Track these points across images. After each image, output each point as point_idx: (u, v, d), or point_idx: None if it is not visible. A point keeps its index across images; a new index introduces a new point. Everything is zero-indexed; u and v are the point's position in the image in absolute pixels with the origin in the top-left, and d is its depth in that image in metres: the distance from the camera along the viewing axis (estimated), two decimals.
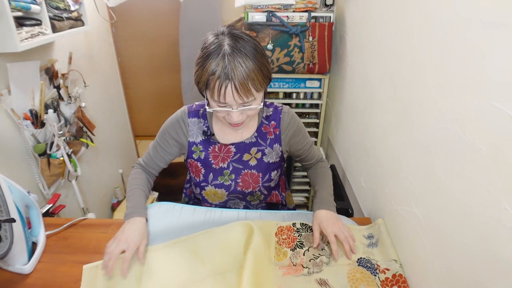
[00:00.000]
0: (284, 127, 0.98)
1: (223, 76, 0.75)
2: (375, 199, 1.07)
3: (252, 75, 0.77)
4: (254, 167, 0.99)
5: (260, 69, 0.79)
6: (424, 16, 0.77)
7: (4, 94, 1.17)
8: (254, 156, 0.98)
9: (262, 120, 0.97)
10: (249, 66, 0.76)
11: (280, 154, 1.01)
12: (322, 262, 0.83)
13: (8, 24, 1.02)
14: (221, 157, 0.98)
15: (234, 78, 0.75)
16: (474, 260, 0.58)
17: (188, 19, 2.30)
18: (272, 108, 0.99)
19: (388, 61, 0.98)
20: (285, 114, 0.98)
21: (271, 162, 1.00)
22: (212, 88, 0.78)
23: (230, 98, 0.77)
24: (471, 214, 0.59)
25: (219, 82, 0.76)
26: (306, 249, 0.87)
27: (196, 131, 0.97)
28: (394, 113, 0.94)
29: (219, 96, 0.78)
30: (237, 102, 0.79)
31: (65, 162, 1.43)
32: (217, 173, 0.99)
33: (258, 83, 0.79)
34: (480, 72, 0.57)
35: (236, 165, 0.98)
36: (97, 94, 1.93)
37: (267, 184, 1.02)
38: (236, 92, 0.76)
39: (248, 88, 0.77)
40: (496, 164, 0.53)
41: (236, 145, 0.97)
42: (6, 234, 0.76)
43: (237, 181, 1.00)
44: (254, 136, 0.97)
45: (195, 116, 0.97)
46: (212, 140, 0.97)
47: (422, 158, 0.77)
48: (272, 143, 0.98)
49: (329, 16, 1.57)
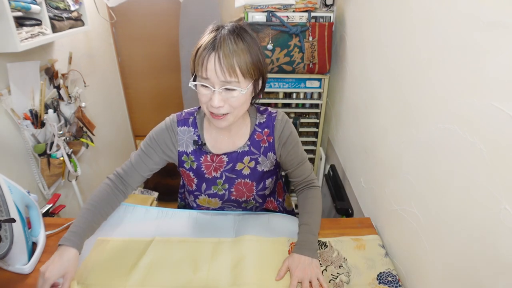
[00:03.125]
0: (278, 134, 0.93)
1: (209, 47, 0.73)
2: (375, 199, 1.07)
3: (240, 53, 0.74)
4: (247, 176, 0.96)
5: (250, 54, 0.76)
6: (424, 16, 0.77)
7: (4, 94, 1.17)
8: (247, 165, 0.94)
9: (255, 128, 0.93)
10: (239, 45, 0.74)
11: (274, 162, 0.97)
12: (342, 281, 0.81)
13: (8, 24, 1.02)
14: (214, 167, 0.94)
15: (219, 50, 0.72)
16: (474, 260, 0.58)
17: (188, 19, 2.30)
18: (266, 114, 0.94)
19: (388, 61, 0.98)
20: (278, 121, 0.93)
21: (265, 171, 0.96)
22: (197, 59, 0.75)
23: (212, 70, 0.73)
24: (471, 214, 0.59)
25: (205, 52, 0.74)
26: (324, 268, 0.85)
27: (186, 141, 0.93)
28: (394, 113, 0.94)
29: (201, 68, 0.74)
30: (219, 78, 0.74)
31: (65, 162, 1.43)
32: (210, 182, 0.96)
33: (245, 65, 0.75)
34: (480, 72, 0.57)
35: (229, 174, 0.95)
36: (97, 94, 1.92)
37: (262, 192, 1.00)
38: (218, 64, 0.72)
39: (232, 63, 0.73)
40: (496, 164, 0.53)
41: (228, 155, 0.93)
42: (6, 234, 0.76)
43: (231, 190, 0.97)
44: (247, 144, 0.93)
45: (185, 125, 0.93)
46: (203, 150, 0.92)
47: (422, 158, 0.77)
48: (266, 152, 0.94)
49: (329, 16, 1.57)
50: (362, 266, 0.85)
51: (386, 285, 0.80)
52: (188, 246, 0.90)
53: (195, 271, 0.83)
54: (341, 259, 0.87)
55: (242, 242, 0.91)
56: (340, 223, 1.03)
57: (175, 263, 0.85)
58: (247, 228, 0.96)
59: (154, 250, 0.88)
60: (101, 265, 0.83)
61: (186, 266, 0.84)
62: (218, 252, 0.88)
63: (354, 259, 0.87)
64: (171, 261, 0.85)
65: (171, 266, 0.84)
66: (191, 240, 0.92)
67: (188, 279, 0.80)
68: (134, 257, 0.86)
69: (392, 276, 0.82)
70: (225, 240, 0.92)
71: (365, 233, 0.97)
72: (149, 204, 2.18)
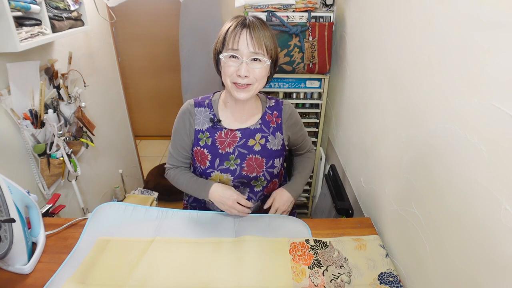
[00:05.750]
0: (286, 117, 1.06)
1: (241, 24, 0.88)
2: (375, 199, 1.07)
3: (265, 33, 0.88)
4: (258, 152, 1.03)
5: (272, 37, 0.91)
6: (424, 15, 0.77)
7: (4, 94, 1.17)
8: (258, 142, 1.03)
9: (266, 110, 1.05)
10: (265, 28, 0.89)
11: (281, 142, 1.06)
12: (344, 282, 0.82)
13: (8, 24, 1.02)
14: (227, 142, 1.02)
15: (251, 27, 0.87)
16: (474, 260, 0.58)
17: (188, 19, 2.30)
18: (273, 100, 1.08)
19: (388, 61, 0.98)
20: (286, 106, 1.07)
21: (273, 149, 1.05)
22: (229, 35, 0.88)
23: (243, 42, 0.86)
24: (471, 214, 0.59)
25: (237, 28, 0.87)
26: (325, 268, 0.85)
27: (203, 120, 1.03)
28: (394, 113, 0.94)
29: (233, 40, 0.87)
30: (249, 49, 0.87)
31: (65, 162, 1.43)
32: (223, 158, 1.03)
33: (269, 43, 0.89)
34: (480, 72, 0.57)
35: (242, 150, 1.02)
36: (97, 94, 1.92)
37: (271, 170, 1.07)
38: (250, 38, 0.86)
39: (260, 39, 0.87)
40: (496, 164, 0.53)
41: (241, 131, 1.02)
42: (6, 234, 0.76)
43: (242, 165, 1.03)
44: (259, 123, 1.04)
45: (201, 106, 1.04)
46: (219, 126, 1.02)
47: (422, 158, 0.77)
48: (275, 131, 1.05)
49: (329, 16, 1.57)
50: (363, 266, 0.85)
51: (387, 286, 0.80)
52: (189, 246, 0.90)
53: (195, 271, 0.83)
54: (342, 259, 0.87)
55: (242, 242, 0.91)
56: (340, 223, 1.03)
57: (175, 263, 0.85)
58: (247, 228, 0.96)
59: (155, 250, 0.88)
60: (102, 265, 0.83)
61: (186, 266, 0.84)
62: (219, 252, 0.88)
63: (355, 259, 0.87)
64: (172, 261, 0.85)
65: (172, 266, 0.84)
66: (192, 241, 0.92)
67: (188, 279, 0.80)
68: (135, 257, 0.86)
69: (393, 277, 0.82)
70: (225, 240, 0.92)
71: (365, 233, 0.97)
72: (149, 204, 2.17)
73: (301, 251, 0.89)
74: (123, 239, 0.92)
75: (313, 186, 2.02)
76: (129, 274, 0.81)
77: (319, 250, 0.90)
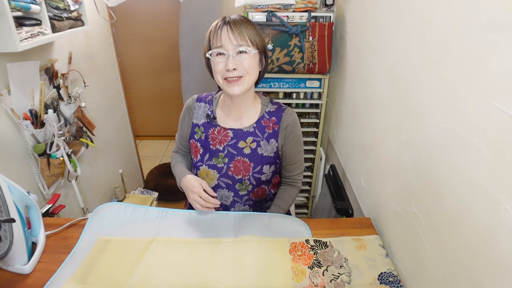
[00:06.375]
0: (284, 126, 1.02)
1: (221, 22, 0.91)
2: (375, 199, 1.07)
3: (246, 24, 0.91)
4: (247, 155, 1.02)
5: (254, 27, 0.93)
6: (424, 15, 0.77)
7: (4, 94, 1.17)
8: (249, 145, 1.02)
9: (264, 114, 1.03)
10: (245, 21, 0.92)
11: (275, 150, 1.03)
12: (344, 282, 0.81)
13: (8, 24, 1.02)
14: (219, 140, 1.03)
15: (230, 22, 0.90)
16: (474, 260, 0.58)
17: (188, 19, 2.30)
18: (276, 106, 1.06)
19: (388, 61, 0.98)
20: (286, 114, 1.03)
21: (264, 155, 1.03)
22: (212, 34, 0.92)
23: (226, 38, 0.89)
24: (471, 214, 0.59)
25: (218, 26, 0.91)
26: (325, 268, 0.85)
27: (201, 114, 1.07)
28: (394, 113, 0.94)
29: (216, 38, 0.90)
30: (232, 43, 0.89)
31: (65, 162, 1.43)
32: (213, 154, 1.04)
33: (252, 34, 0.91)
34: (480, 72, 0.57)
35: (231, 150, 1.03)
36: (97, 94, 1.92)
37: (258, 175, 1.04)
38: (231, 32, 0.89)
39: (241, 30, 0.90)
40: (496, 164, 0.53)
41: (234, 131, 1.03)
42: (6, 234, 0.76)
43: (229, 165, 1.03)
44: (253, 126, 1.02)
45: (202, 101, 1.08)
46: (213, 123, 1.05)
47: (422, 158, 0.77)
48: (269, 138, 1.03)
49: (329, 16, 1.57)
50: (363, 266, 0.85)
51: (387, 286, 0.80)
52: (189, 246, 0.90)
53: (195, 271, 0.83)
54: (342, 259, 0.87)
55: (242, 242, 0.91)
56: (340, 223, 1.03)
57: (175, 264, 0.85)
58: (247, 228, 0.96)
59: (155, 250, 0.88)
60: (102, 265, 0.83)
61: (186, 266, 0.84)
62: (219, 252, 0.88)
63: (355, 259, 0.87)
64: (172, 261, 0.85)
65: (172, 266, 0.84)
66: (192, 241, 0.92)
67: (188, 279, 0.80)
68: (135, 257, 0.86)
69: (393, 277, 0.82)
70: (225, 240, 0.92)
71: (365, 233, 0.97)
72: (149, 204, 2.17)
73: (301, 251, 0.89)
74: (123, 239, 0.92)
75: (313, 186, 2.02)
76: (129, 274, 0.81)
77: (319, 250, 0.90)
